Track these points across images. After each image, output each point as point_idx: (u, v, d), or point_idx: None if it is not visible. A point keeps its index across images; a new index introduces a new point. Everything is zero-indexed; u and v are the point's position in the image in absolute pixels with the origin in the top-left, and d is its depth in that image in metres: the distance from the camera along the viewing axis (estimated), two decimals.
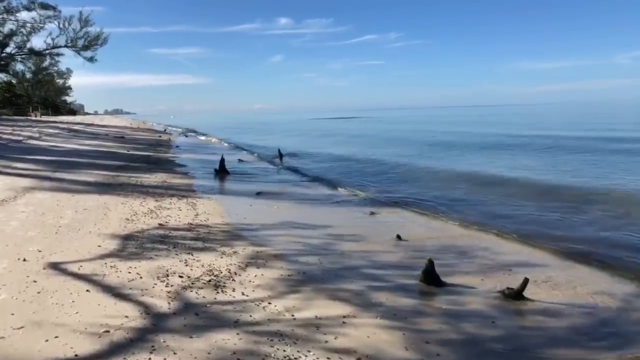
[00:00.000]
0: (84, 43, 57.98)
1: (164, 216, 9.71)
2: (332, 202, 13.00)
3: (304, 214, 11.21)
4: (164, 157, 23.79)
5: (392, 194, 14.27)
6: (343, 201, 13.16)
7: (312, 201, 12.98)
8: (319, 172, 19.54)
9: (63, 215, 9.21)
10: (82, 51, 58.47)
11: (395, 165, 21.86)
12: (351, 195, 14.20)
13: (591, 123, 56.29)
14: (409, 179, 17.49)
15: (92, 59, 58.95)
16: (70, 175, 14.80)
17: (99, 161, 19.44)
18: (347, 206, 12.40)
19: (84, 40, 57.87)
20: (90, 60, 59.01)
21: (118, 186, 13.32)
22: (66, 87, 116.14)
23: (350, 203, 12.89)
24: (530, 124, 60.57)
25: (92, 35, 57.77)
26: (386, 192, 14.60)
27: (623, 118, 67.69)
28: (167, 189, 13.54)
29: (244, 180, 17.03)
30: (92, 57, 58.80)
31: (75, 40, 57.85)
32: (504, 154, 25.35)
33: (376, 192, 14.57)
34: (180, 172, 17.93)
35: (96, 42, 58.51)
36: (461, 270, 6.97)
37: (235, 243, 7.94)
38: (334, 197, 13.86)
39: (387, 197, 13.61)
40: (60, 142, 27.19)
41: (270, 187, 15.13)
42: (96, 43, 58.53)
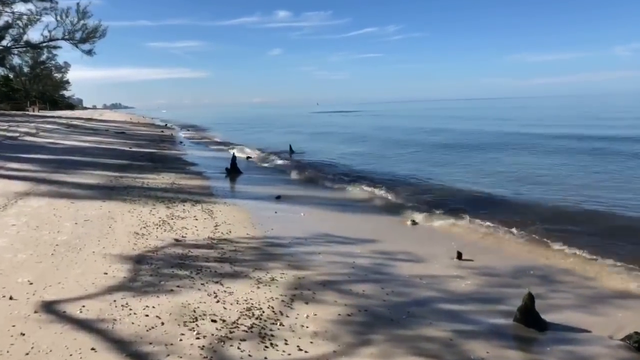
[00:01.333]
0: (82, 35, 56.44)
1: (179, 228, 8.31)
2: (363, 206, 11.62)
3: (336, 222, 9.82)
4: (169, 154, 22.35)
5: (422, 195, 12.86)
6: (374, 206, 11.77)
7: (341, 206, 11.58)
8: (336, 170, 18.14)
9: (61, 228, 7.80)
10: (80, 44, 56.94)
11: (411, 162, 20.47)
12: (379, 197, 12.78)
13: (568, 117, 54.86)
14: (431, 178, 16.04)
15: (91, 52, 57.45)
16: (70, 176, 13.38)
17: (101, 160, 18.01)
18: (381, 212, 11.01)
19: (81, 33, 56.33)
20: (89, 53, 57.51)
21: (123, 189, 11.91)
22: (64, 82, 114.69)
23: (382, 208, 11.50)
24: (523, 119, 59.15)
25: (90, 28, 56.25)
26: (416, 194, 13.18)
27: (607, 112, 66.33)
28: (177, 192, 12.14)
29: (258, 180, 15.63)
30: (90, 49, 57.31)
31: (73, 32, 56.30)
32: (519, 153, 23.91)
33: (406, 194, 13.15)
34: (189, 171, 16.52)
35: (94, 35, 56.96)
36: (558, 304, 5.58)
37: (270, 265, 6.55)
38: (362, 200, 12.46)
39: (419, 199, 12.21)
40: (59, 139, 25.73)
41: (289, 189, 13.73)
42: (94, 35, 56.99)
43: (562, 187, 13.80)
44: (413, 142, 29.69)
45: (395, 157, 22.37)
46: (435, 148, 26.11)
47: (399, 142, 30.07)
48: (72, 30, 55.80)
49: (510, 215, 10.11)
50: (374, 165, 19.61)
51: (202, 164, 18.96)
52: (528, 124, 45.67)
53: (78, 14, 54.92)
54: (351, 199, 12.71)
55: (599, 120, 46.31)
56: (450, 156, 22.37)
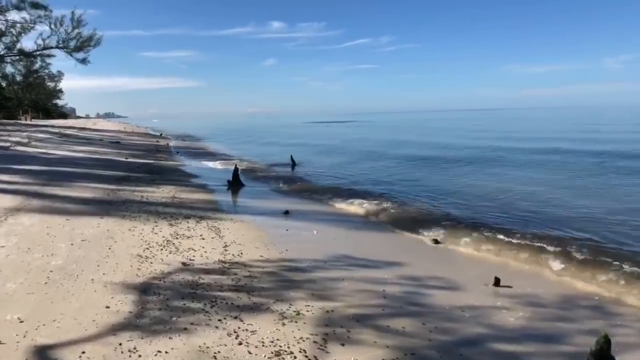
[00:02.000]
0: (76, 44, 55.63)
1: (185, 249, 7.58)
2: (376, 222, 10.93)
3: (353, 241, 9.13)
4: (167, 165, 21.60)
5: (434, 210, 12.20)
6: (388, 222, 11.06)
7: (353, 222, 10.89)
8: (341, 184, 17.46)
9: (55, 250, 7.05)
10: (74, 52, 56.11)
11: (415, 174, 19.83)
12: (391, 212, 12.08)
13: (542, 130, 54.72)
14: (442, 192, 15.37)
15: (85, 61, 56.52)
16: (64, 189, 12.60)
17: (96, 171, 17.23)
18: (397, 230, 10.30)
19: (76, 42, 55.52)
20: (83, 61, 56.59)
21: (121, 204, 11.16)
22: (57, 90, 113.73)
23: (397, 224, 10.77)
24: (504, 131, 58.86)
25: (84, 36, 55.52)
26: (429, 209, 12.51)
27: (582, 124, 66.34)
28: (179, 207, 11.40)
29: (262, 194, 14.92)
30: (84, 58, 56.35)
31: (67, 41, 55.48)
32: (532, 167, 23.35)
33: (418, 209, 12.47)
34: (189, 184, 15.78)
35: (89, 43, 56.14)
36: (623, 342, 4.90)
37: (291, 295, 5.83)
38: (374, 214, 11.76)
39: (433, 215, 11.55)
40: (52, 149, 24.90)
41: (296, 204, 13.04)
42: (89, 44, 56.17)
43: (584, 203, 13.18)
44: (412, 155, 29.10)
45: (397, 169, 21.70)
46: (435, 161, 25.51)
47: (399, 154, 29.48)
48: (66, 38, 55.00)
49: (538, 233, 9.46)
50: (376, 178, 18.94)
51: (202, 176, 18.24)
52: (527, 137, 45.34)
53: (72, 23, 54.14)
54: (362, 214, 12.00)
55: (601, 134, 46.07)
56: (453, 169, 21.76)
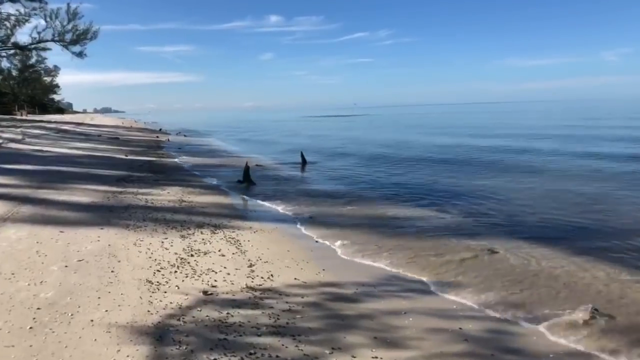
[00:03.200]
0: (72, 37, 54.19)
1: (204, 270, 6.26)
2: (414, 229, 9.57)
3: (395, 254, 7.79)
4: (170, 163, 20.23)
5: (482, 216, 10.91)
6: (427, 227, 9.72)
7: (388, 229, 9.54)
8: (359, 181, 16.14)
9: (46, 276, 5.71)
10: (70, 46, 54.67)
11: (436, 173, 18.48)
12: (427, 216, 10.77)
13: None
14: (460, 195, 14.03)
15: (81, 54, 55.10)
16: (59, 193, 11.26)
17: (95, 170, 15.88)
18: (443, 235, 8.95)
19: (72, 34, 54.08)
20: (79, 55, 55.18)
21: (123, 210, 9.82)
22: (54, 85, 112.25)
23: (440, 230, 9.45)
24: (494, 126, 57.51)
25: (80, 29, 54.05)
26: (473, 213, 11.21)
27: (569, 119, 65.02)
28: (189, 212, 10.07)
29: (277, 194, 13.57)
30: (81, 51, 54.97)
31: (63, 34, 54.05)
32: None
33: (458, 212, 11.17)
34: (196, 184, 14.43)
35: (85, 36, 54.72)
36: None
37: (350, 340, 4.51)
38: (408, 220, 10.41)
39: (481, 220, 10.26)
40: (47, 146, 23.52)
41: (318, 206, 11.71)
42: (85, 37, 54.74)
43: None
44: (423, 152, 27.75)
45: (416, 165, 20.33)
46: (460, 161, 24.17)
47: (408, 153, 28.11)
48: (62, 31, 53.54)
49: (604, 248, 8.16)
50: (391, 173, 17.61)
51: (209, 174, 16.90)
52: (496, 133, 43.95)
53: (68, 15, 52.69)
54: (393, 216, 10.67)
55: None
56: (472, 168, 20.42)
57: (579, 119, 61.85)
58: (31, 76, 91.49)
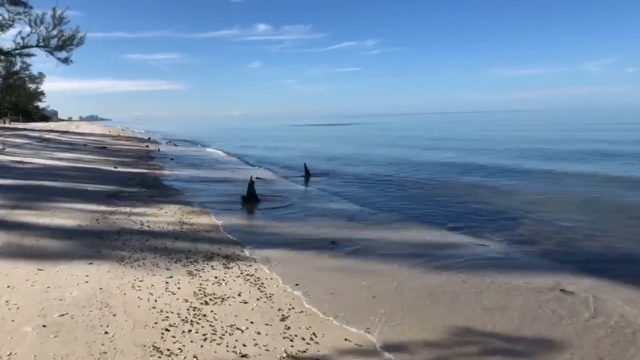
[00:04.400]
0: (58, 43, 52.50)
1: (225, 328, 4.80)
2: (460, 261, 8.17)
3: (451, 296, 6.38)
4: (162, 175, 18.65)
5: (510, 234, 9.59)
6: (473, 258, 8.31)
7: (429, 259, 8.11)
8: (377, 197, 14.76)
9: (15, 343, 4.21)
10: (55, 51, 52.91)
11: (450, 184, 17.19)
12: (468, 243, 9.40)
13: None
14: (511, 208, 12.71)
15: (67, 60, 53.35)
16: (38, 215, 9.69)
17: (80, 185, 14.29)
18: (495, 269, 7.55)
19: (57, 40, 52.40)
20: (65, 61, 53.43)
21: (116, 236, 8.30)
22: (38, 92, 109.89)
23: (489, 260, 8.07)
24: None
25: (66, 35, 52.33)
26: (507, 236, 9.87)
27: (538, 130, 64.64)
28: (193, 239, 8.59)
29: (286, 214, 12.12)
30: (66, 58, 53.23)
31: (48, 39, 52.32)
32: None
33: (501, 237, 9.83)
34: (196, 201, 12.90)
35: (71, 42, 53.02)
36: None
37: None
38: (447, 247, 9.01)
39: (512, 242, 8.93)
40: (29, 156, 21.81)
41: (337, 228, 10.28)
42: (71, 43, 53.05)
43: None
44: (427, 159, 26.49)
45: (424, 179, 18.97)
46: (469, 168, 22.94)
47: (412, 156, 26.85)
48: (47, 37, 51.86)
49: None
50: (410, 191, 16.26)
51: (207, 190, 15.38)
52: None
53: (54, 21, 51.01)
54: (431, 244, 9.27)
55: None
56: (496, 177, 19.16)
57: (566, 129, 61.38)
58: (15, 83, 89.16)
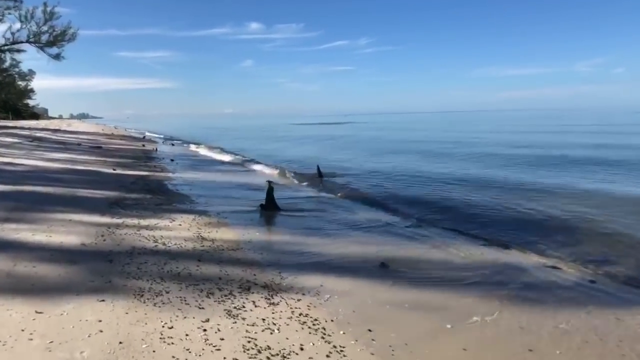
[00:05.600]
0: (49, 38, 50.75)
1: None
2: (545, 290, 6.80)
3: (571, 345, 5.02)
4: (167, 179, 17.16)
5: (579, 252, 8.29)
6: (558, 286, 6.95)
7: (505, 287, 6.75)
8: (400, 204, 13.35)
9: None
10: (46, 47, 51.17)
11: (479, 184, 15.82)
12: (537, 262, 8.05)
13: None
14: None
15: (59, 56, 51.64)
16: (33, 229, 8.21)
17: (78, 190, 12.78)
18: (598, 304, 6.21)
19: (48, 36, 50.66)
20: (57, 57, 51.71)
21: (127, 258, 6.86)
22: (28, 90, 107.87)
23: (580, 291, 6.72)
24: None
25: (57, 30, 50.57)
26: (580, 256, 8.55)
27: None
28: (219, 260, 7.19)
29: (314, 225, 10.73)
30: (58, 54, 51.50)
31: (39, 35, 50.56)
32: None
33: (568, 254, 8.50)
34: (210, 209, 11.45)
35: (62, 38, 51.28)
36: None
37: None
38: (517, 270, 7.64)
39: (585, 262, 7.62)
40: (19, 157, 20.23)
41: (381, 244, 8.91)
42: (62, 39, 51.32)
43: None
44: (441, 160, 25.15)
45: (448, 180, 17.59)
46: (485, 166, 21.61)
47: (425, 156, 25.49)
48: (37, 32, 50.12)
49: None
50: (438, 193, 14.89)
51: (218, 197, 13.88)
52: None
53: (45, 16, 49.28)
54: (496, 263, 7.90)
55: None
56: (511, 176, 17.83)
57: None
58: (5, 80, 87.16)
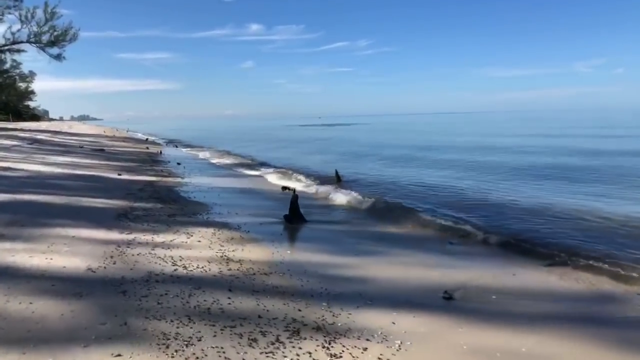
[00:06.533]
0: (50, 38, 49.69)
1: None
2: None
3: None
4: (177, 185, 15.95)
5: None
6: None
7: (615, 329, 5.55)
8: (440, 209, 12.11)
9: None
10: (47, 47, 50.09)
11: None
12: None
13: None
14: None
15: (60, 57, 50.58)
16: (31, 249, 7.00)
17: (82, 199, 11.57)
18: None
19: (49, 35, 49.60)
20: (58, 57, 50.65)
21: (144, 289, 5.66)
22: (29, 91, 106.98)
23: None
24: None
25: (58, 30, 49.53)
26: None
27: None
28: (252, 290, 6.00)
29: (350, 241, 9.52)
30: (59, 54, 50.44)
31: (40, 35, 49.49)
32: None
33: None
34: (231, 222, 10.25)
35: (64, 38, 50.22)
36: None
37: None
38: (622, 305, 6.44)
39: None
40: (18, 161, 19.04)
41: (435, 267, 7.70)
42: (64, 39, 50.25)
43: None
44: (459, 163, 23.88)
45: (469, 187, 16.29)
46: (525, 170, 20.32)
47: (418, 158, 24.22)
48: (38, 32, 49.07)
49: None
50: (468, 200, 13.60)
51: (235, 205, 12.66)
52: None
53: (45, 15, 48.23)
54: (594, 296, 6.68)
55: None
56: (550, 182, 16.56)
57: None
58: (5, 82, 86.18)
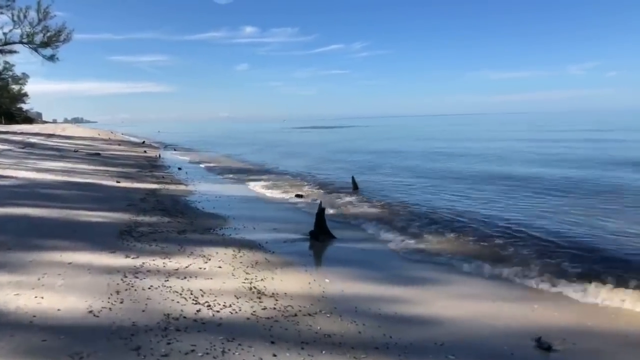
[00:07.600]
0: (43, 39, 48.39)
1: None
2: None
3: None
4: (181, 192, 14.63)
5: None
6: None
7: None
8: (486, 224, 10.86)
9: None
10: (40, 48, 48.79)
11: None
12: None
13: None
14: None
15: (53, 58, 49.40)
16: (17, 283, 5.70)
17: (79, 212, 10.23)
18: None
19: (42, 36, 48.31)
20: (51, 59, 49.46)
21: (162, 344, 4.37)
22: (22, 94, 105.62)
23: None
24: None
25: (52, 30, 48.25)
26: None
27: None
28: (298, 341, 4.74)
29: (385, 260, 8.25)
30: (52, 55, 49.21)
31: (32, 35, 48.15)
32: None
33: None
34: (251, 240, 8.96)
35: (57, 39, 48.94)
36: None
37: None
38: None
39: None
40: (9, 167, 17.66)
41: (508, 300, 6.45)
42: (57, 39, 48.99)
43: None
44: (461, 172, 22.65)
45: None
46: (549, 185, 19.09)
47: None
48: (31, 32, 47.72)
49: None
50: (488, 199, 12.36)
51: (248, 217, 11.38)
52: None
53: (38, 15, 46.88)
54: None
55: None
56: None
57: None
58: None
